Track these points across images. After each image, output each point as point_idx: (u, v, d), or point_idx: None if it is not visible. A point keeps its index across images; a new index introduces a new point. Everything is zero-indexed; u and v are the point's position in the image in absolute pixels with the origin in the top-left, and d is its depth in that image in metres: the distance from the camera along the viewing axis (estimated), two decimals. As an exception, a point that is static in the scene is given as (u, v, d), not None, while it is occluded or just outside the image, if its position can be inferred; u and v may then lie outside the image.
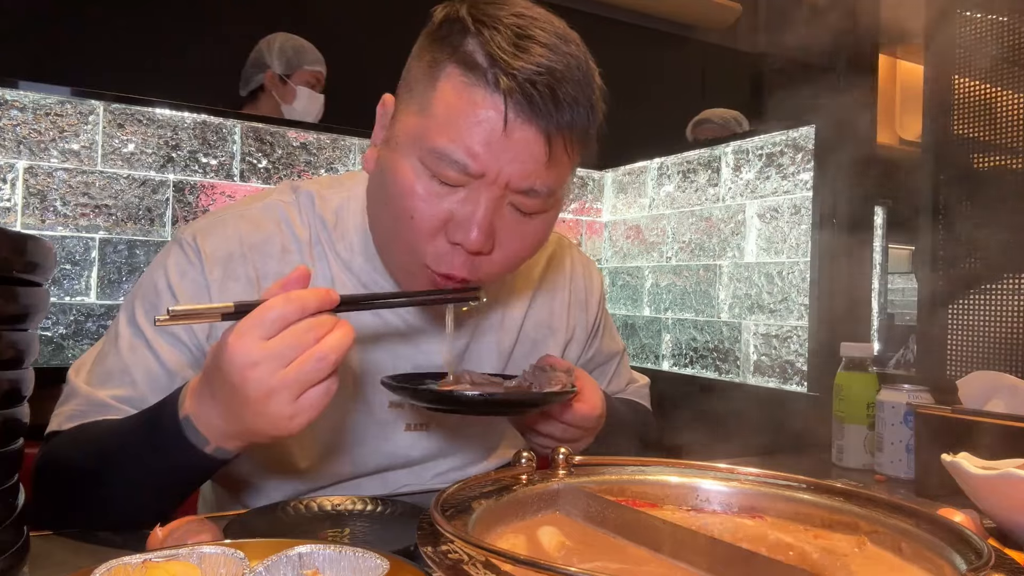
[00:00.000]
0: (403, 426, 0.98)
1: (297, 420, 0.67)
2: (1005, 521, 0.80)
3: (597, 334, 1.17)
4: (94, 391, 0.86)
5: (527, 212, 0.82)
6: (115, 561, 0.53)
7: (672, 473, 0.76)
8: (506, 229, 0.81)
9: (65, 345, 2.12)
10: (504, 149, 0.76)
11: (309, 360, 0.65)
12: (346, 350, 0.67)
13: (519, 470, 0.72)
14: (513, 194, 0.80)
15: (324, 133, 2.47)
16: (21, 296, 0.58)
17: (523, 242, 0.84)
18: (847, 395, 1.19)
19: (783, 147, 2.29)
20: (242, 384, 0.65)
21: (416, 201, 0.79)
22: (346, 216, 0.95)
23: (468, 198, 0.79)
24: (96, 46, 2.47)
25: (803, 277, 2.20)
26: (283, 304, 0.66)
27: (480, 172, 0.77)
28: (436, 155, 0.77)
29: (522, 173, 0.78)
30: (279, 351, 0.65)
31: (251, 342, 0.65)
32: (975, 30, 1.59)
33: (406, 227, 0.81)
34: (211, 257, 0.89)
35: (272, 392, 0.65)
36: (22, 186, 2.06)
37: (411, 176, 0.79)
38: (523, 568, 0.48)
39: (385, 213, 0.85)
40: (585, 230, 3.08)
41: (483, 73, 0.76)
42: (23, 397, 0.61)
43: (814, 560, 0.62)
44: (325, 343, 0.66)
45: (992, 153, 1.59)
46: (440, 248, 0.81)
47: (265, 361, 0.65)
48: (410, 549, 0.66)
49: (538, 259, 1.09)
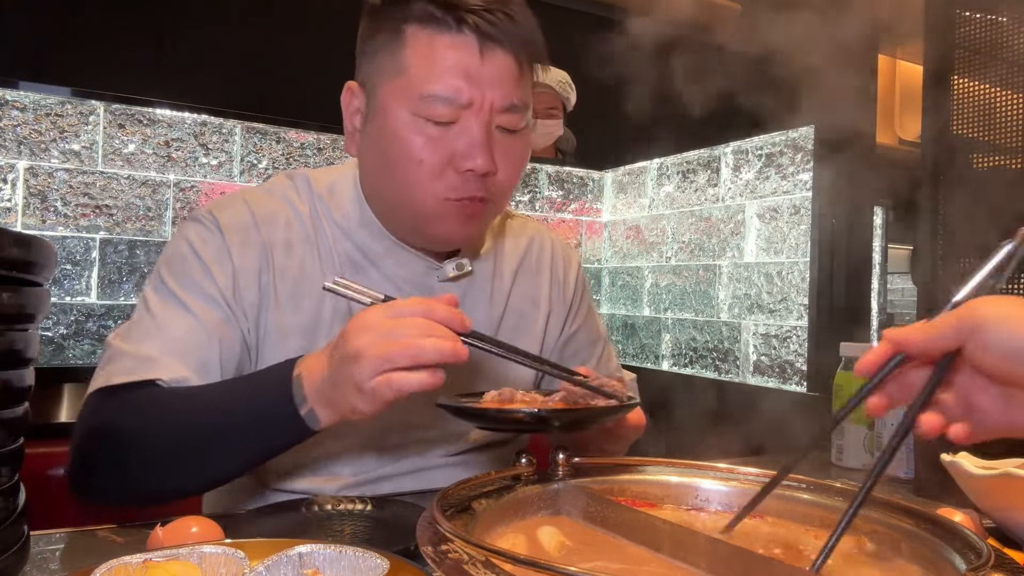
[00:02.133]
0: None
1: (367, 397, 0.73)
2: (1005, 521, 0.80)
3: (577, 313, 1.20)
4: (137, 348, 0.88)
5: (512, 130, 0.92)
6: (115, 561, 0.53)
7: (672, 473, 0.76)
8: (501, 150, 0.91)
9: (65, 345, 2.12)
10: (483, 76, 0.88)
11: (401, 345, 0.71)
12: (440, 358, 0.72)
13: (519, 470, 0.72)
14: (498, 115, 0.90)
15: (324, 134, 2.47)
16: (21, 296, 0.58)
17: (516, 160, 0.95)
18: (847, 395, 1.19)
19: (783, 147, 2.29)
20: (346, 338, 0.74)
21: (420, 148, 0.89)
22: (340, 191, 1.03)
23: (463, 130, 0.89)
24: (96, 46, 2.47)
25: (803, 277, 2.20)
26: (416, 303, 0.75)
27: (468, 101, 0.88)
28: (427, 100, 0.87)
29: (502, 93, 0.89)
30: (388, 328, 0.72)
31: (375, 314, 0.74)
32: (975, 30, 1.59)
33: (418, 174, 0.90)
34: (228, 227, 0.96)
35: (360, 355, 0.72)
36: (22, 186, 2.06)
37: (408, 130, 0.89)
38: (523, 568, 0.48)
39: (392, 176, 0.92)
40: (585, 230, 3.08)
41: (443, 20, 0.87)
42: (24, 397, 0.61)
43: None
44: (425, 341, 0.72)
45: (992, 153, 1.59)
46: (453, 180, 0.90)
47: (373, 328, 0.73)
48: (410, 549, 0.66)
49: (519, 241, 1.16)
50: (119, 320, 2.18)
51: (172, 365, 0.86)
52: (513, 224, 1.18)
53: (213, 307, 0.91)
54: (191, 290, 0.91)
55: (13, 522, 0.60)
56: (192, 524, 0.67)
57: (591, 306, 1.25)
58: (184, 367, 0.87)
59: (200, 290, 0.92)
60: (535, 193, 2.96)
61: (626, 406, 0.83)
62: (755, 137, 2.38)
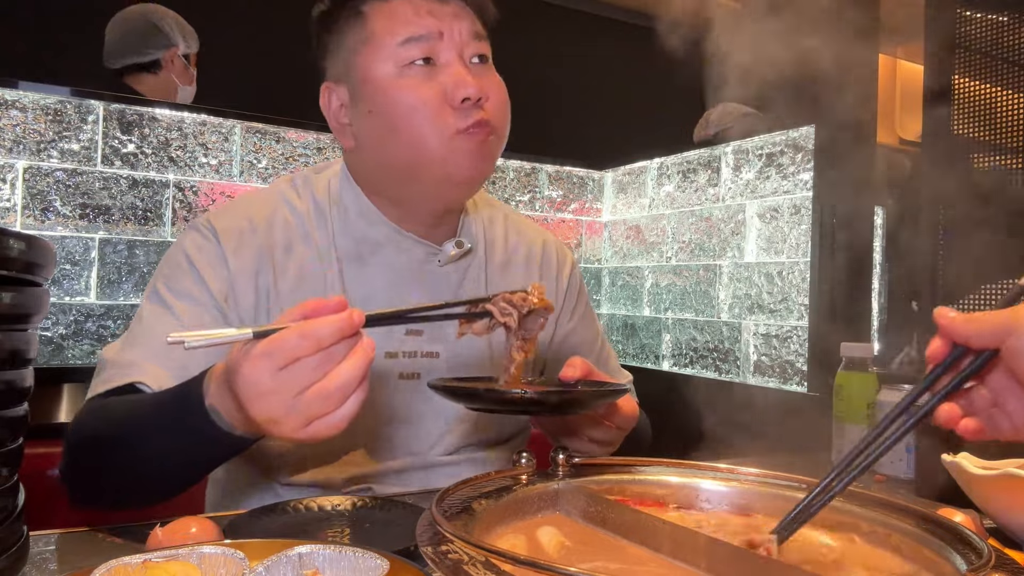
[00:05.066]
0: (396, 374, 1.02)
1: (318, 438, 0.67)
2: (1005, 521, 0.80)
3: (573, 313, 1.20)
4: (121, 355, 0.90)
5: (485, 59, 0.98)
6: (115, 561, 0.53)
7: (672, 473, 0.76)
8: (483, 77, 0.97)
9: (65, 345, 2.12)
10: (445, 10, 0.95)
11: (315, 397, 0.65)
12: (357, 382, 0.66)
13: (519, 470, 0.72)
14: (469, 44, 0.96)
15: (324, 134, 2.47)
16: (21, 296, 0.58)
17: (499, 88, 0.99)
18: (847, 395, 1.19)
19: (783, 147, 2.29)
20: (251, 408, 0.66)
21: (413, 93, 0.93)
22: (337, 187, 1.05)
23: (445, 66, 0.94)
24: (96, 46, 2.47)
25: (803, 277, 2.20)
26: (297, 339, 0.64)
27: (440, 31, 0.94)
28: (404, 44, 0.93)
29: (468, 22, 0.97)
30: (287, 385, 0.65)
31: (262, 372, 0.65)
32: (975, 30, 1.59)
33: (422, 118, 0.93)
34: (224, 232, 0.98)
35: (278, 422, 0.66)
36: (22, 186, 2.06)
37: (395, 82, 0.94)
38: (523, 568, 0.48)
39: (398, 137, 0.95)
40: (585, 230, 3.08)
41: None
42: (23, 397, 0.61)
43: (814, 560, 0.62)
44: (332, 380, 0.65)
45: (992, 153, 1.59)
46: (455, 115, 0.93)
47: (272, 393, 0.65)
48: (410, 549, 0.66)
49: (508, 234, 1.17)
50: (118, 320, 2.18)
51: (152, 369, 0.87)
52: (507, 219, 1.19)
53: (201, 311, 0.93)
54: (180, 296, 0.93)
55: (12, 522, 0.59)
56: (191, 524, 0.67)
57: (588, 307, 1.25)
58: (164, 371, 0.87)
59: (189, 296, 0.93)
60: (535, 193, 2.96)
61: (618, 390, 0.83)
62: (755, 137, 2.38)
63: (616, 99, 3.01)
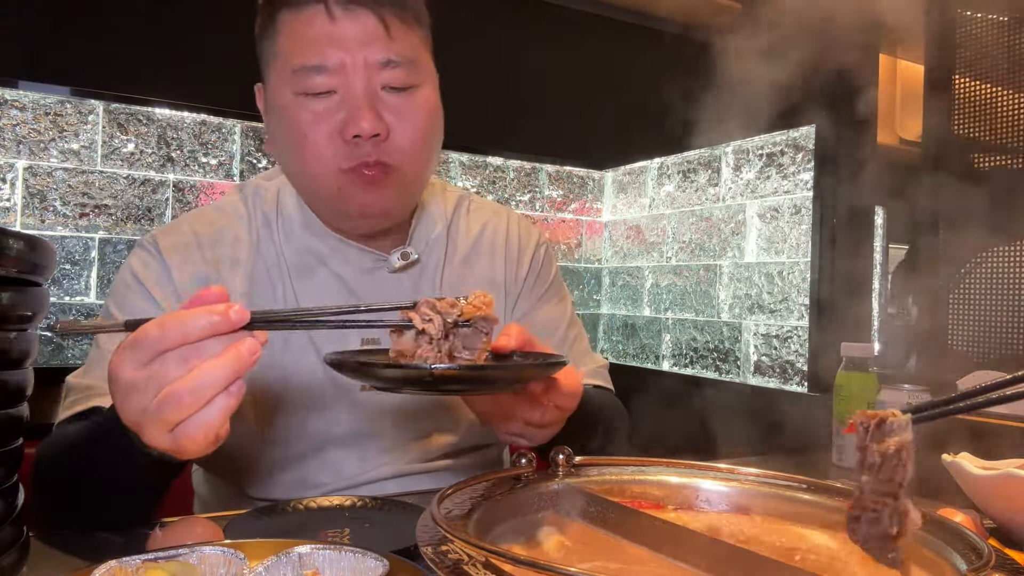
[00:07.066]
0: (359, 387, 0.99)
1: (186, 450, 0.60)
2: (1005, 521, 0.80)
3: (531, 292, 1.15)
4: (81, 380, 0.91)
5: (402, 87, 0.91)
6: (115, 561, 0.53)
7: (672, 473, 0.76)
8: (393, 110, 0.90)
9: (65, 345, 2.12)
10: (346, 36, 0.88)
11: (167, 398, 0.58)
12: (221, 385, 0.58)
13: (519, 470, 0.72)
14: (378, 72, 0.89)
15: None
16: (21, 296, 0.58)
17: (414, 119, 0.92)
18: (847, 395, 1.19)
19: (783, 147, 2.29)
20: (120, 412, 0.62)
21: (305, 124, 0.89)
22: (283, 198, 1.04)
23: (344, 97, 0.89)
24: (96, 46, 2.47)
25: (803, 277, 2.20)
26: (158, 330, 0.58)
27: (339, 64, 0.88)
28: (299, 73, 0.88)
29: (375, 49, 0.88)
30: (150, 383, 0.58)
31: (126, 367, 0.59)
32: (975, 30, 1.59)
33: (309, 151, 0.89)
34: (168, 249, 0.98)
35: (140, 425, 0.60)
36: (22, 186, 2.06)
37: (292, 109, 0.90)
38: (523, 568, 0.48)
39: (291, 160, 0.94)
40: (585, 230, 3.08)
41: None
42: (23, 397, 0.61)
43: (814, 560, 0.62)
44: (186, 380, 0.57)
45: (992, 153, 1.59)
46: (343, 150, 0.89)
47: (133, 391, 0.59)
48: (410, 549, 0.66)
49: (473, 225, 1.14)
50: (119, 320, 2.17)
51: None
52: (471, 208, 1.16)
53: None
54: (131, 315, 0.88)
55: (12, 522, 0.59)
56: (191, 524, 0.67)
57: (556, 288, 1.18)
58: None
59: (142, 314, 0.89)
60: (535, 193, 2.96)
61: (551, 364, 0.71)
62: (755, 137, 2.38)
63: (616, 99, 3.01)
